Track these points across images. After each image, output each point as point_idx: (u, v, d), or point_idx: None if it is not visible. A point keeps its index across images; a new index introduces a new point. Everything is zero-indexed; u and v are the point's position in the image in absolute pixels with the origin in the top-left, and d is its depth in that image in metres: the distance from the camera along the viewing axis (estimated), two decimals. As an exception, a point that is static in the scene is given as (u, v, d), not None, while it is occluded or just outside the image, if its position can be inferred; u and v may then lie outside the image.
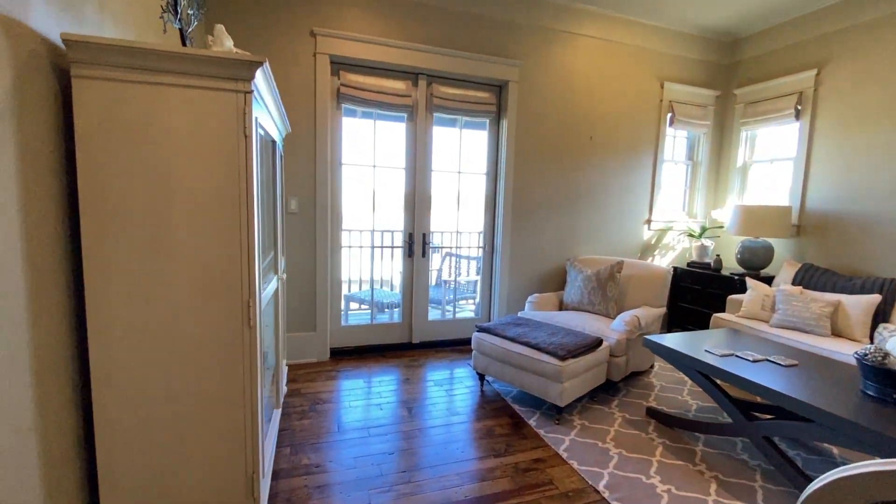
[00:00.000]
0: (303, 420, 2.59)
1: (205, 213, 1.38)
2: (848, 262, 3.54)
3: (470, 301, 4.45)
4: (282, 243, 2.16)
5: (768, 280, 3.81)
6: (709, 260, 4.25)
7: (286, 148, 3.24)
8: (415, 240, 3.75)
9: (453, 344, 3.99)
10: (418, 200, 3.72)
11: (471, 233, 4.14)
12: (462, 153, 3.92)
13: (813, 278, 3.42)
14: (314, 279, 3.43)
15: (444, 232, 4.03)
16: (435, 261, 5.18)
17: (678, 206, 4.68)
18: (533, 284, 4.06)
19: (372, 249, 3.86)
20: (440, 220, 3.98)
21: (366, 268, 3.85)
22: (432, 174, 3.75)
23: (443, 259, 5.30)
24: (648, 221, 4.40)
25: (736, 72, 4.45)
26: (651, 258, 4.48)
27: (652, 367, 3.56)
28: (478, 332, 3.05)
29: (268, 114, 1.76)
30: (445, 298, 4.21)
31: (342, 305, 3.72)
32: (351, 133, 3.60)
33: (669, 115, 4.33)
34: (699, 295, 4.13)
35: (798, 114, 3.90)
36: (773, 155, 4.22)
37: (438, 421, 2.64)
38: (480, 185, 4.00)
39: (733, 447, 2.42)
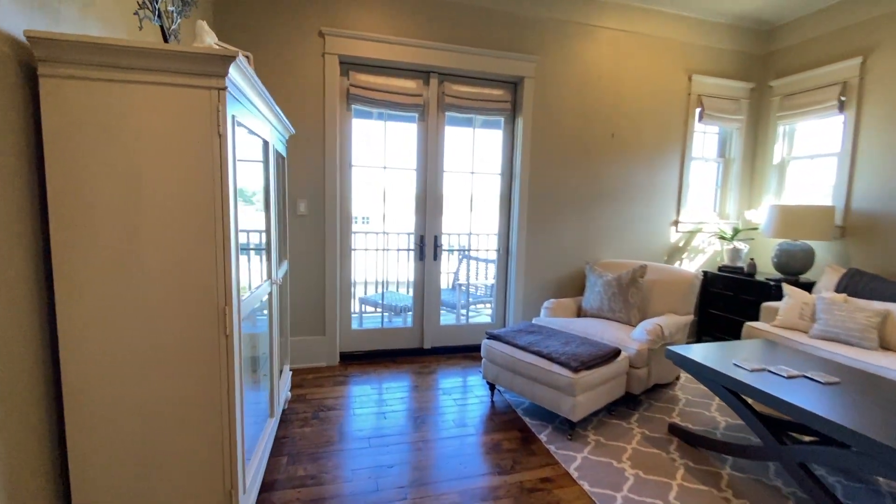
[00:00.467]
0: (304, 428, 2.52)
1: (178, 217, 1.31)
2: (900, 268, 3.21)
3: (487, 305, 4.32)
4: (276, 248, 2.10)
5: (808, 286, 3.51)
6: (742, 264, 3.97)
7: (293, 150, 3.20)
8: (426, 242, 3.65)
9: (466, 350, 3.87)
10: (430, 202, 3.61)
11: (485, 235, 4.01)
12: (475, 153, 3.80)
13: (859, 285, 3.12)
14: (323, 282, 3.38)
15: (457, 234, 3.91)
16: (451, 263, 5.07)
17: (708, 207, 4.40)
18: (550, 289, 3.89)
19: (384, 252, 3.78)
20: (452, 222, 3.86)
21: (378, 271, 3.78)
22: (444, 175, 3.65)
23: (459, 262, 5.19)
24: (676, 223, 4.16)
25: (771, 62, 4.15)
26: (678, 262, 4.23)
27: (677, 379, 3.33)
28: (487, 340, 2.92)
29: (255, 113, 1.70)
30: (461, 303, 4.09)
31: (354, 308, 3.66)
32: (361, 134, 3.54)
33: (698, 110, 4.07)
34: (731, 301, 3.86)
35: (841, 106, 3.59)
36: (814, 151, 3.90)
37: (444, 433, 2.52)
38: (494, 186, 3.86)
39: (765, 471, 2.20)
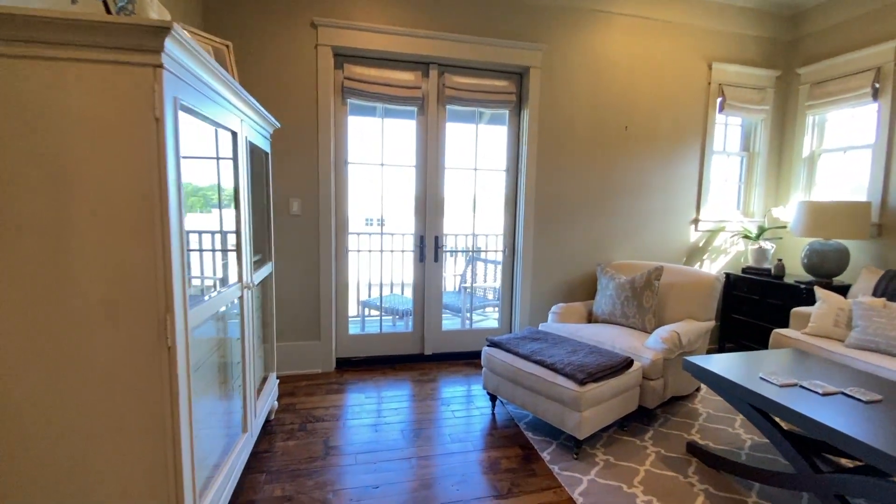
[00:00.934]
0: (289, 441, 2.36)
1: (111, 214, 1.15)
2: (949, 269, 2.89)
3: (496, 309, 4.11)
4: (249, 249, 1.93)
5: (842, 290, 3.21)
6: (768, 265, 3.67)
7: (283, 146, 3.05)
8: (426, 243, 3.47)
9: (470, 357, 3.66)
10: (430, 200, 3.43)
11: (489, 235, 3.81)
12: (478, 148, 3.60)
13: (902, 288, 2.81)
14: (318, 285, 3.22)
15: (460, 234, 3.72)
16: (458, 265, 4.89)
17: (731, 204, 4.11)
18: (559, 293, 3.66)
19: (382, 253, 3.62)
20: (455, 222, 3.67)
21: (375, 273, 3.61)
22: (445, 172, 3.46)
23: (467, 263, 4.99)
24: (695, 221, 3.88)
25: (799, 48, 3.85)
26: (699, 263, 3.95)
27: (697, 391, 3.07)
28: (488, 347, 2.71)
29: (215, 100, 1.54)
30: (465, 306, 3.90)
31: (356, 312, 3.49)
32: (357, 130, 3.38)
33: (719, 100, 3.80)
34: (757, 306, 3.57)
35: (876, 93, 3.28)
36: (847, 143, 3.58)
37: (438, 448, 2.33)
38: (499, 183, 3.66)
39: (797, 501, 1.94)
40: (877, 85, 3.28)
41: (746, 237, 3.83)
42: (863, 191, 3.45)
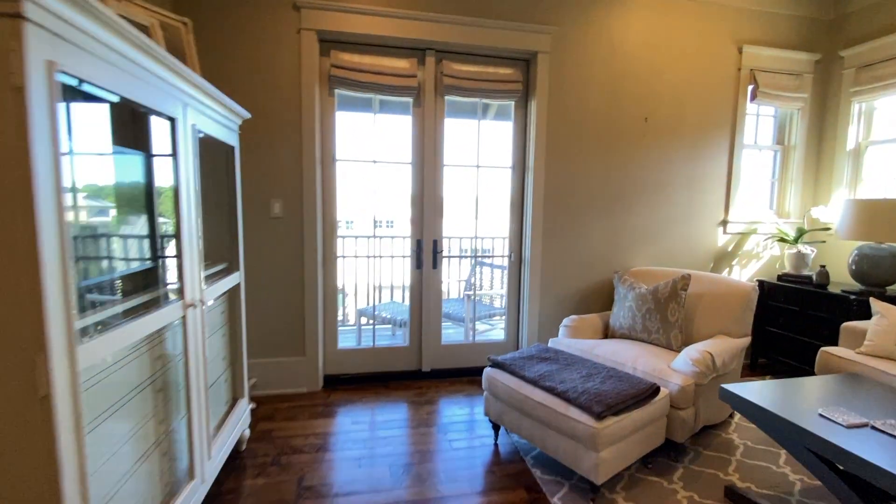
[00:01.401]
0: (258, 478, 2.05)
1: (-44, 217, 0.84)
2: None
3: (503, 318, 3.76)
4: (195, 259, 1.62)
5: (900, 301, 2.80)
6: (809, 272, 3.27)
7: (259, 141, 2.75)
8: (424, 248, 3.14)
9: (472, 373, 3.32)
10: (428, 201, 3.10)
11: (494, 238, 3.47)
12: (481, 144, 3.26)
13: (976, 301, 2.40)
14: (302, 294, 2.91)
15: (461, 238, 3.39)
16: (461, 269, 4.57)
17: (764, 203, 3.71)
18: (571, 303, 3.30)
19: (370, 260, 3.30)
20: (455, 224, 3.34)
21: (373, 279, 3.30)
22: (444, 170, 3.13)
23: (472, 268, 4.65)
24: (724, 223, 3.49)
25: (842, 28, 3.44)
26: (727, 270, 3.56)
27: (731, 417, 2.68)
28: (490, 368, 2.37)
29: (138, 74, 1.23)
30: (469, 316, 3.56)
31: (353, 321, 3.18)
32: (349, 126, 3.07)
33: (751, 88, 3.41)
34: (795, 318, 3.17)
35: (940, 74, 2.87)
36: (901, 132, 3.17)
37: (429, 491, 1.99)
38: (504, 182, 3.31)
39: (870, 570, 1.57)
40: (936, 67, 2.87)
41: (782, 240, 3.43)
42: (919, 187, 3.04)
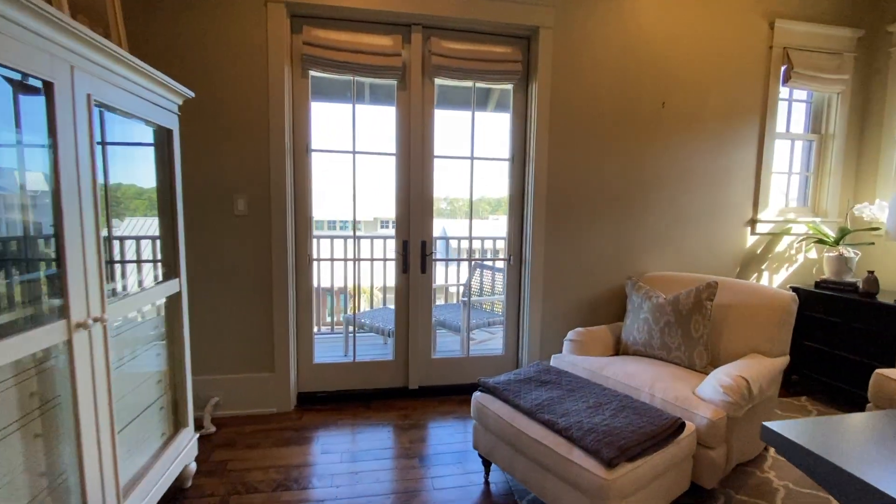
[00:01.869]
0: (197, 528, 1.70)
1: None
2: None
3: (504, 326, 3.39)
4: (83, 269, 1.28)
5: (967, 313, 2.38)
6: (853, 279, 2.85)
7: (220, 127, 2.41)
8: (410, 249, 2.78)
9: (465, 391, 2.95)
10: (414, 197, 2.74)
11: (494, 238, 3.10)
12: (478, 134, 2.90)
13: None
14: (270, 303, 2.57)
15: (455, 237, 3.03)
16: (459, 273, 4.22)
17: (798, 200, 3.30)
18: (577, 312, 2.92)
19: (346, 263, 2.95)
20: (447, 224, 2.98)
21: (353, 284, 2.95)
22: (434, 161, 2.77)
23: (471, 271, 4.29)
24: (752, 222, 3.08)
25: None
26: (755, 275, 3.15)
27: (767, 450, 2.28)
28: (479, 393, 2.00)
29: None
30: (465, 325, 3.19)
31: (333, 329, 2.84)
32: (328, 113, 2.73)
33: (784, 69, 3.00)
34: (837, 331, 2.75)
35: None
36: (962, 117, 2.74)
37: (401, 546, 1.63)
38: (502, 175, 2.95)
39: None
40: None
41: (821, 242, 3.01)
42: None
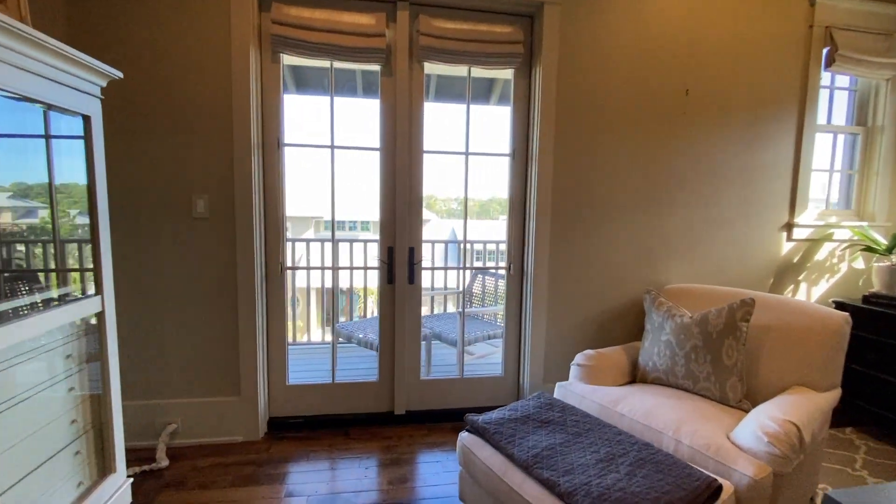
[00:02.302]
0: None
1: None
2: None
3: (502, 347, 3.05)
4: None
5: None
6: (909, 293, 2.46)
7: (173, 115, 2.11)
8: (397, 257, 2.45)
9: (459, 417, 2.61)
10: (401, 197, 2.42)
11: (493, 243, 2.76)
12: (478, 127, 2.58)
13: None
14: (235, 317, 2.27)
15: (447, 241, 2.69)
16: (462, 278, 3.89)
17: (840, 202, 2.91)
18: (587, 330, 2.57)
19: (322, 273, 2.63)
20: (439, 227, 2.65)
21: (332, 291, 2.63)
22: (424, 157, 2.44)
23: (473, 277, 3.95)
24: (788, 227, 2.70)
25: (952, -29, 2.62)
26: (791, 288, 2.76)
27: (813, 501, 1.91)
28: (466, 434, 1.67)
29: None
30: (462, 339, 2.85)
31: (323, 339, 2.53)
32: (310, 102, 2.42)
33: (826, 51, 2.62)
34: (891, 354, 2.36)
35: None
36: None
37: None
38: (501, 173, 2.61)
39: None
40: None
41: (869, 250, 2.61)
42: None
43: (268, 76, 2.28)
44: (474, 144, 2.50)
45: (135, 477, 1.98)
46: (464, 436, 1.66)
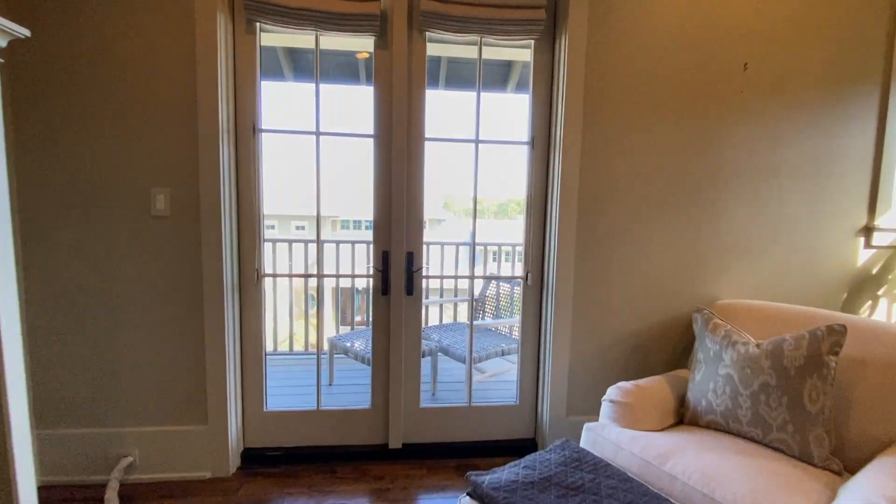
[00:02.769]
0: None
1: None
2: None
3: (517, 370, 2.65)
4: None
5: None
6: None
7: (126, 98, 1.78)
8: (392, 263, 2.08)
9: (466, 454, 2.22)
10: (397, 193, 2.04)
11: (507, 246, 2.37)
12: (488, 113, 2.20)
13: None
14: (201, 333, 1.93)
15: (453, 243, 2.31)
16: (485, 268, 3.51)
17: (926, 202, 2.42)
18: (619, 354, 2.15)
19: (298, 282, 2.27)
20: (457, 228, 2.27)
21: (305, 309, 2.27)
22: (425, 145, 2.06)
23: (485, 284, 3.56)
24: (867, 230, 2.24)
25: None
26: (870, 304, 2.29)
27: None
28: (468, 500, 1.28)
29: None
30: (469, 359, 2.46)
31: (330, 353, 2.19)
32: (276, 76, 2.07)
33: (919, 16, 2.15)
34: None
35: None
36: None
37: None
38: (517, 165, 2.21)
39: None
40: None
41: (973, 260, 2.13)
42: None
43: (241, 48, 1.93)
44: (489, 134, 2.10)
45: (72, 525, 1.65)
46: (463, 501, 1.27)
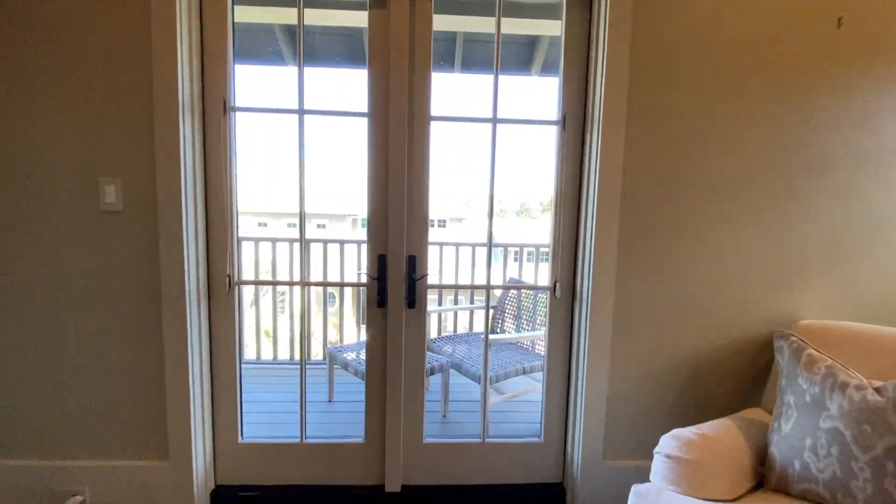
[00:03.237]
0: None
1: None
2: None
3: (542, 399, 2.25)
4: None
5: None
6: None
7: (65, 68, 1.48)
8: (390, 270, 1.72)
9: (480, 499, 1.84)
10: (394, 186, 1.68)
11: (534, 246, 1.98)
12: (510, 97, 1.82)
13: None
14: (160, 350, 1.61)
15: (464, 245, 1.93)
16: (507, 268, 3.16)
17: None
18: (670, 385, 1.73)
19: (297, 291, 1.91)
20: (478, 228, 1.89)
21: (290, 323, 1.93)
22: (430, 125, 1.69)
23: (505, 291, 3.16)
24: None
25: None
26: None
27: None
28: None
29: None
30: (485, 383, 2.07)
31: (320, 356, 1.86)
32: (252, 45, 1.75)
33: None
34: None
35: None
36: None
37: None
38: (545, 149, 1.82)
39: None
40: None
41: None
42: None
43: (210, 17, 1.61)
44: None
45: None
46: None
